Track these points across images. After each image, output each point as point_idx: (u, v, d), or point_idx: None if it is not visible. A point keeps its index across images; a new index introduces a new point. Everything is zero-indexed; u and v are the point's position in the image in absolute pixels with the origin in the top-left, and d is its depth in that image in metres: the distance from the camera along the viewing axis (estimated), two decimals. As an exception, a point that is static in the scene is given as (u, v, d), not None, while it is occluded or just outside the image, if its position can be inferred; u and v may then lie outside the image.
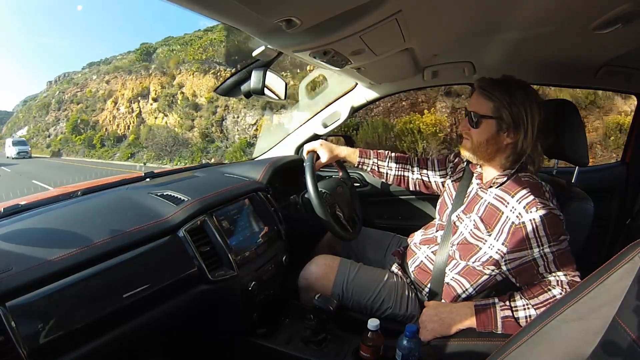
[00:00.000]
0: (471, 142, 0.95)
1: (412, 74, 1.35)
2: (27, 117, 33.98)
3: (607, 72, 1.16)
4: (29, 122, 32.33)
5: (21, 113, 37.20)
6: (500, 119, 0.89)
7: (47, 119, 28.19)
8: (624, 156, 1.49)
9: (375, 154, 1.27)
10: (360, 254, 1.26)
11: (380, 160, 1.26)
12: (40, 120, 29.52)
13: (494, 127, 0.90)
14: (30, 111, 34.25)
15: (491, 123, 0.90)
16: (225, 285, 0.88)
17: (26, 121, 33.28)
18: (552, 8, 0.73)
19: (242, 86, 1.08)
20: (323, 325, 0.93)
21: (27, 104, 39.31)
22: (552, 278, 0.81)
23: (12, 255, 0.65)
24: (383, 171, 1.26)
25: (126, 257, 0.74)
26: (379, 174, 1.27)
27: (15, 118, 38.37)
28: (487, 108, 0.90)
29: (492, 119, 0.90)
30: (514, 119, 0.88)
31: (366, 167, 1.27)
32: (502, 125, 0.89)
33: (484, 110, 0.91)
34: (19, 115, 37.52)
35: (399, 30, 0.78)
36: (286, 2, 0.56)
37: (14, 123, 37.35)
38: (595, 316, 0.53)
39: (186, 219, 0.87)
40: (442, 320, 0.87)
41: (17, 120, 37.30)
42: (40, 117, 29.60)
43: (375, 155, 1.27)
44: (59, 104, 27.44)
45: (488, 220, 0.90)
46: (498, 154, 0.94)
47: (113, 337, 0.68)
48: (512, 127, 0.89)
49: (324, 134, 1.53)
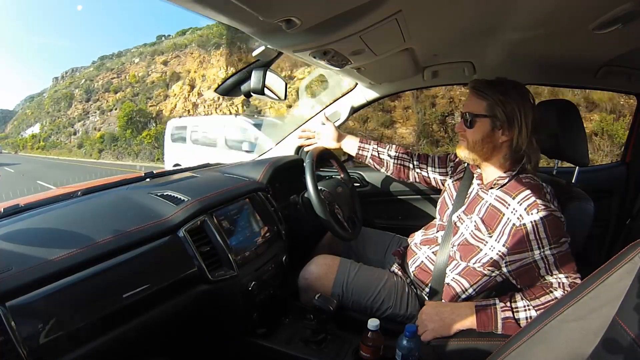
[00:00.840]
0: (467, 143, 0.95)
1: (412, 74, 1.35)
2: (37, 113, 31.81)
3: (607, 72, 1.16)
4: (41, 118, 30.18)
5: (29, 109, 35.14)
6: (495, 116, 0.89)
7: (71, 112, 24.97)
8: (624, 156, 1.49)
9: (375, 142, 1.29)
10: (360, 254, 1.26)
11: (381, 147, 1.27)
12: (58, 114, 26.64)
13: (488, 125, 0.90)
14: (40, 107, 32.00)
15: (485, 122, 0.90)
16: (225, 285, 0.88)
17: (37, 118, 31.10)
18: (552, 8, 0.73)
19: (242, 86, 1.08)
20: (323, 325, 0.93)
21: (35, 99, 37.16)
22: (554, 280, 0.81)
23: (12, 255, 0.65)
24: (383, 158, 1.26)
25: (126, 257, 0.74)
26: (379, 160, 1.27)
27: (23, 115, 36.21)
28: (480, 107, 0.91)
29: (486, 118, 0.90)
30: (508, 116, 0.88)
31: (366, 153, 1.28)
32: (497, 123, 0.89)
33: (478, 110, 0.91)
34: (26, 112, 35.36)
35: (399, 30, 0.78)
36: (286, 2, 0.56)
37: (21, 120, 35.36)
38: (595, 316, 0.53)
39: (186, 219, 0.87)
40: (443, 320, 0.87)
41: (24, 117, 35.26)
42: (57, 112, 26.85)
43: (375, 143, 1.29)
44: (88, 93, 23.44)
45: (489, 222, 0.90)
46: (495, 152, 0.94)
47: (113, 337, 0.68)
48: (507, 125, 0.89)
49: None
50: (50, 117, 27.90)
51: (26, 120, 33.66)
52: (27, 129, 32.23)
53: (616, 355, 0.48)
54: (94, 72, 26.00)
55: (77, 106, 24.45)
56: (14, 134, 34.83)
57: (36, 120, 31.32)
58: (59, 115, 26.75)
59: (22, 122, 33.88)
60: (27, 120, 33.24)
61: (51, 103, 28.65)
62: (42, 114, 30.50)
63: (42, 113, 30.72)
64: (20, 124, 34.27)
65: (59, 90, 28.81)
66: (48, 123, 27.97)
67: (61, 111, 26.34)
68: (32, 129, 31.03)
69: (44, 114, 29.82)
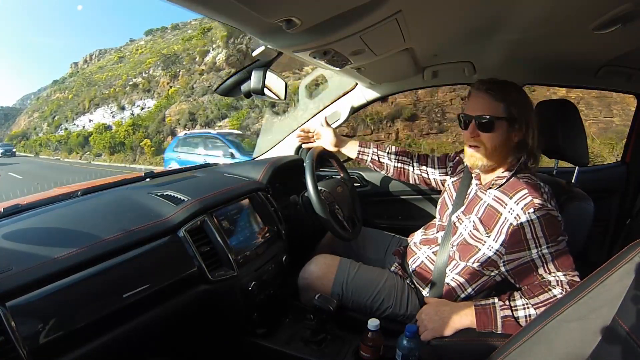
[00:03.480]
0: (484, 149, 0.90)
1: (412, 74, 1.35)
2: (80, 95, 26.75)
3: (607, 72, 1.16)
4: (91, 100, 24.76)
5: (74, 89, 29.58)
6: (512, 118, 0.88)
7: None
8: (624, 156, 1.49)
9: (375, 145, 1.28)
10: (360, 253, 1.26)
11: (381, 150, 1.27)
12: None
13: (506, 127, 0.89)
14: (82, 88, 27.56)
15: (504, 124, 0.88)
16: (225, 285, 0.88)
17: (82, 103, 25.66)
18: (552, 8, 0.73)
19: (242, 86, 1.08)
20: (323, 325, 0.93)
21: (59, 84, 33.63)
22: (552, 278, 0.81)
23: (12, 255, 0.65)
24: (383, 161, 1.26)
25: (126, 257, 0.74)
26: (379, 164, 1.27)
27: (60, 100, 29.92)
28: (497, 109, 0.88)
29: (504, 120, 0.88)
30: (524, 117, 0.88)
31: (366, 157, 1.27)
32: (515, 125, 0.88)
33: (496, 112, 0.88)
34: (69, 95, 29.34)
35: (399, 30, 0.78)
36: (286, 2, 0.56)
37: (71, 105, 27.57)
38: (595, 316, 0.53)
39: (186, 219, 0.87)
40: (442, 320, 0.87)
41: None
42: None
43: (375, 147, 1.28)
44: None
45: (487, 222, 0.90)
46: (509, 155, 0.92)
47: (113, 337, 0.68)
48: (523, 125, 0.88)
49: None
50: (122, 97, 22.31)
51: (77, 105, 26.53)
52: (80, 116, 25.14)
53: (616, 355, 0.48)
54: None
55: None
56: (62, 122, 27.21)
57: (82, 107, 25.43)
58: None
59: (76, 107, 26.60)
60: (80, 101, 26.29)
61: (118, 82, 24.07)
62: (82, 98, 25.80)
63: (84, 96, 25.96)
64: (75, 108, 26.61)
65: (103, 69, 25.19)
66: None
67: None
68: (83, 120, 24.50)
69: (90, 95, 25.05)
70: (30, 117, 36.06)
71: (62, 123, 26.77)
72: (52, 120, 28.89)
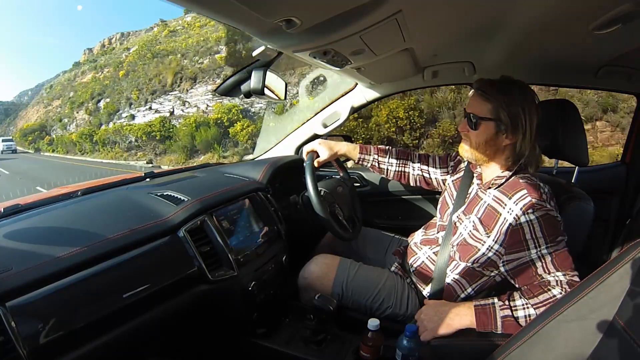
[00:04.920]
0: (470, 143, 0.95)
1: (412, 74, 1.35)
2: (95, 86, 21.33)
3: (607, 72, 1.16)
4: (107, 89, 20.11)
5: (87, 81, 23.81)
6: (499, 120, 0.89)
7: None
8: (624, 156, 1.49)
9: (375, 149, 1.27)
10: (360, 254, 1.26)
11: (381, 156, 1.26)
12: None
13: (492, 128, 0.90)
14: (98, 78, 22.04)
15: (490, 125, 0.90)
16: (225, 285, 0.88)
17: (100, 91, 20.59)
18: (552, 8, 0.73)
19: (242, 86, 1.08)
20: (323, 325, 0.93)
21: (74, 71, 27.74)
22: (552, 278, 0.81)
23: (12, 255, 0.65)
24: (383, 167, 1.26)
25: (126, 257, 0.74)
26: (380, 169, 1.27)
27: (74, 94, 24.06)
28: (485, 110, 0.90)
29: (490, 121, 0.90)
30: (512, 120, 0.88)
31: (366, 164, 1.27)
32: (501, 127, 0.89)
33: (483, 112, 0.90)
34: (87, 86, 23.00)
35: (399, 30, 0.78)
36: (286, 2, 0.56)
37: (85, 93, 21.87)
38: (595, 316, 0.53)
39: (186, 219, 0.87)
40: (442, 320, 0.87)
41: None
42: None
43: (375, 151, 1.26)
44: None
45: (487, 222, 0.90)
46: (497, 155, 0.94)
47: (113, 337, 0.68)
48: (511, 129, 0.88)
49: (323, 134, 1.52)
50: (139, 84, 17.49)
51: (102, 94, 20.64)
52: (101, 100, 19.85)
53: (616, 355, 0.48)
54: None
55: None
56: (68, 116, 22.84)
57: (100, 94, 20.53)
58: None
59: (101, 94, 20.93)
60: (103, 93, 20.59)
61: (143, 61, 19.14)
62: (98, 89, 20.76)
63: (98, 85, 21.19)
64: (97, 95, 21.00)
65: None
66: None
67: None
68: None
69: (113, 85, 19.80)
70: (47, 107, 29.12)
71: (122, 109, 17.82)
72: (94, 107, 20.51)
